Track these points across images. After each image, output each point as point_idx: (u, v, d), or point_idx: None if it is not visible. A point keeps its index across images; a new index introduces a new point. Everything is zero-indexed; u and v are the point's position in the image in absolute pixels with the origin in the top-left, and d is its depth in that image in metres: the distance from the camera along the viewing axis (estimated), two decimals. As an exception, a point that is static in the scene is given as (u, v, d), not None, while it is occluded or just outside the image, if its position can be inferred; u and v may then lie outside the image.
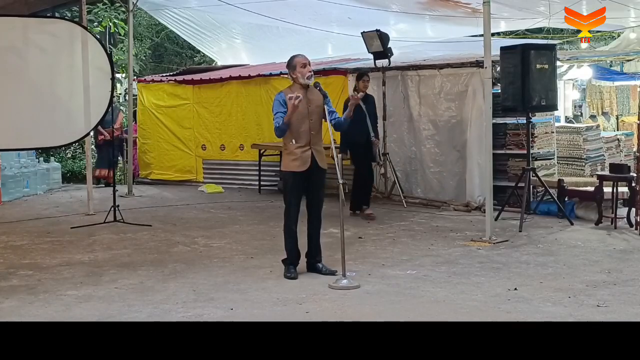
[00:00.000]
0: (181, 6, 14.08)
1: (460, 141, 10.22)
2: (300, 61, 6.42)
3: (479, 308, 5.39)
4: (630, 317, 5.11)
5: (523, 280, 6.17)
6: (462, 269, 6.64)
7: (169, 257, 7.37)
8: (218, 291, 5.95)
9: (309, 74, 6.39)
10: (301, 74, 6.38)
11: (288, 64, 6.53)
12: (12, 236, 8.55)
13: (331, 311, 5.37)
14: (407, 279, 6.30)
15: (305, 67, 6.40)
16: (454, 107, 10.36)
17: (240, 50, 16.56)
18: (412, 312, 5.34)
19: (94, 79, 9.01)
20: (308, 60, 6.48)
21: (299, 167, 6.36)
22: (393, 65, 10.73)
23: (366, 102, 9.43)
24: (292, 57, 6.51)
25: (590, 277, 6.25)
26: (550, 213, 9.30)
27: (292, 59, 6.50)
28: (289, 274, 6.40)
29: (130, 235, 8.57)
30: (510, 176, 9.76)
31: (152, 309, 5.45)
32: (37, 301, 5.71)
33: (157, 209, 10.81)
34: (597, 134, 10.74)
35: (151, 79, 14.70)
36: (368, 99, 9.64)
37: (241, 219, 9.72)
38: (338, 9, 12.03)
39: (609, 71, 14.42)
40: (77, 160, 15.75)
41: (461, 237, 8.15)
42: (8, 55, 8.55)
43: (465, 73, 10.21)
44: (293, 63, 6.46)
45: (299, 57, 6.47)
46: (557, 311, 5.24)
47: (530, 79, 8.59)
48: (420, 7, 12.39)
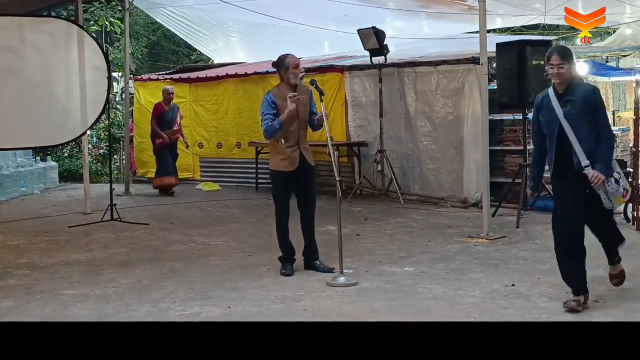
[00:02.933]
0: (177, 4, 14.07)
1: (457, 138, 10.22)
2: (292, 62, 6.44)
3: (476, 304, 5.39)
4: (628, 312, 5.13)
5: (520, 276, 6.18)
6: (459, 265, 6.65)
7: (167, 255, 7.37)
8: (216, 289, 5.95)
9: (302, 74, 6.45)
10: (294, 75, 6.42)
11: (278, 63, 6.51)
12: (9, 235, 8.54)
13: (329, 308, 5.37)
14: (404, 275, 6.30)
15: (297, 68, 6.43)
16: (450, 103, 10.36)
17: (236, 48, 16.55)
18: (410, 309, 5.34)
19: (91, 77, 9.00)
20: (299, 60, 6.53)
21: (288, 166, 6.37)
22: (389, 63, 10.72)
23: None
24: (283, 58, 6.51)
25: (588, 272, 6.23)
26: (548, 209, 9.24)
27: (283, 60, 6.50)
28: (285, 270, 6.43)
29: (128, 234, 8.57)
30: (507, 172, 9.77)
31: (150, 308, 5.45)
32: (34, 301, 5.71)
33: (154, 207, 10.80)
34: (593, 130, 10.73)
35: (148, 78, 14.69)
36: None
37: (238, 217, 9.72)
38: (334, 6, 12.03)
39: (605, 67, 14.40)
40: (74, 159, 15.73)
41: (458, 233, 8.15)
42: (4, 54, 8.54)
43: (462, 70, 10.21)
44: (285, 64, 6.46)
45: (290, 58, 6.48)
46: (555, 307, 5.25)
47: (527, 75, 8.59)
48: (416, 5, 12.40)
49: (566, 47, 5.53)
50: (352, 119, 11.63)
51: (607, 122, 5.30)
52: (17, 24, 8.91)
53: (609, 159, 5.14)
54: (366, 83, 11.41)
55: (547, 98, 5.26)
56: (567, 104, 5.14)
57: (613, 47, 13.52)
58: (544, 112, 5.29)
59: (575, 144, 5.08)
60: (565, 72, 5.14)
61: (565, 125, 5.11)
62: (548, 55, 5.21)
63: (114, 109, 16.15)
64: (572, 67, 5.21)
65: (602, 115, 5.19)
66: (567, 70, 5.15)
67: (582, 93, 5.14)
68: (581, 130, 5.09)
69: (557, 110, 5.14)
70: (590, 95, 5.17)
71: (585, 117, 5.08)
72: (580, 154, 5.08)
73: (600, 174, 5.06)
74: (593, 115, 5.11)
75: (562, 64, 5.12)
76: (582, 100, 5.10)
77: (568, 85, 5.17)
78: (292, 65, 6.43)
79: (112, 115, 15.31)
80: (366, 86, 11.41)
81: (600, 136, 5.11)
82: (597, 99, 5.23)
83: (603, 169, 5.07)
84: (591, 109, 5.11)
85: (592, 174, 5.06)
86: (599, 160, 5.08)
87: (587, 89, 5.25)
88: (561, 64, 5.12)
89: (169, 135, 11.86)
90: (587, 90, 5.24)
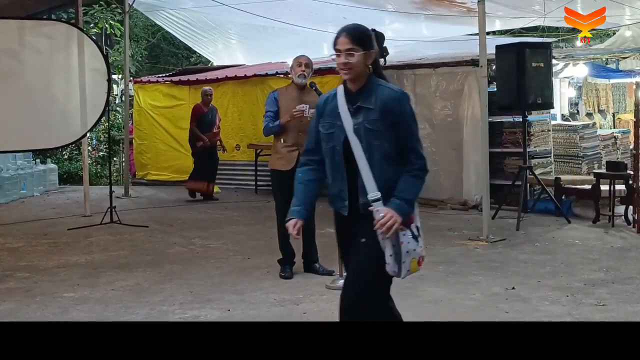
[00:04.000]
0: (177, 7, 14.06)
1: (457, 140, 10.22)
2: (297, 60, 6.51)
3: (477, 307, 5.39)
4: (629, 315, 5.12)
5: (521, 279, 6.17)
6: (459, 268, 6.64)
7: (166, 258, 7.36)
8: (215, 292, 5.94)
9: (300, 72, 6.44)
10: (294, 73, 6.44)
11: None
12: (8, 238, 8.53)
13: (328, 311, 5.35)
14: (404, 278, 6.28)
15: (299, 66, 6.44)
16: (450, 106, 10.36)
17: (236, 51, 16.54)
18: (410, 311, 5.32)
19: (90, 80, 9.01)
20: (307, 61, 6.52)
21: (283, 165, 6.37)
22: (389, 65, 10.51)
23: None
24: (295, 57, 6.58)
25: (588, 275, 6.25)
26: (548, 211, 9.29)
27: (293, 59, 6.56)
28: (284, 273, 6.43)
29: (127, 236, 8.56)
30: (507, 175, 9.76)
31: (149, 311, 5.44)
32: (33, 303, 5.70)
33: (153, 209, 10.80)
34: (593, 132, 10.76)
35: (147, 80, 14.69)
36: None
37: (238, 220, 9.72)
38: (333, 8, 12.03)
39: (604, 69, 14.42)
40: (73, 161, 15.72)
41: (458, 236, 8.14)
42: (4, 57, 8.55)
43: (461, 72, 10.22)
44: (293, 61, 6.56)
45: (299, 57, 6.55)
46: (555, 310, 5.24)
47: (526, 78, 8.59)
48: (415, 7, 12.39)
49: (362, 27, 3.59)
50: (352, 121, 11.60)
51: (418, 145, 3.52)
52: (18, 27, 8.93)
53: (413, 197, 3.44)
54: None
55: (334, 100, 3.57)
56: (360, 112, 3.46)
57: (613, 49, 13.51)
58: (325, 119, 3.57)
59: (365, 169, 3.40)
60: (356, 63, 3.46)
61: (354, 142, 3.43)
62: (334, 38, 3.55)
63: (114, 111, 16.15)
64: (369, 56, 3.51)
65: (409, 133, 3.49)
66: (360, 61, 3.47)
67: (382, 99, 3.46)
68: (375, 153, 3.42)
69: (345, 120, 3.48)
70: (393, 103, 3.46)
71: (384, 133, 3.43)
72: (368, 181, 3.39)
73: (395, 215, 3.33)
74: (396, 132, 3.44)
75: (352, 49, 3.46)
76: (380, 108, 3.43)
77: (364, 85, 3.51)
78: (295, 62, 6.51)
79: (112, 118, 15.30)
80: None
81: (406, 164, 3.45)
82: (402, 109, 3.49)
83: (402, 208, 3.36)
84: (393, 124, 3.44)
85: (384, 215, 3.33)
86: (398, 195, 3.39)
87: (389, 94, 3.49)
88: (351, 50, 3.46)
89: (209, 137, 11.45)
90: (389, 95, 3.48)
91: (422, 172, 3.48)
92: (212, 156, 11.58)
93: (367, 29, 3.59)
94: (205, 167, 11.51)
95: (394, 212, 3.33)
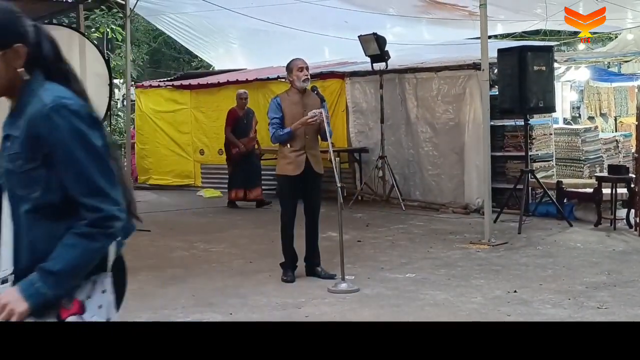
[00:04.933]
0: (178, 11, 14.08)
1: (459, 143, 10.22)
2: (297, 64, 6.46)
3: (478, 311, 5.38)
4: (631, 318, 5.11)
5: (522, 282, 6.17)
6: (461, 271, 6.63)
7: (168, 262, 7.36)
8: (217, 296, 5.94)
9: (304, 77, 6.42)
10: (297, 77, 6.41)
11: (287, 67, 6.58)
12: (10, 243, 8.53)
13: (330, 315, 5.36)
14: (406, 282, 6.29)
15: (301, 71, 6.42)
16: (451, 109, 10.35)
17: (237, 55, 16.56)
18: (412, 315, 5.33)
19: (92, 85, 8.99)
20: (306, 64, 6.51)
21: (293, 170, 6.36)
22: (390, 68, 10.72)
23: None
24: (291, 61, 6.56)
25: (590, 278, 6.24)
26: (549, 215, 9.28)
27: (290, 62, 6.54)
28: (286, 277, 6.41)
29: (129, 240, 8.53)
30: (508, 178, 9.75)
31: (152, 314, 5.44)
32: (35, 308, 5.69)
33: (155, 214, 10.78)
34: (595, 136, 10.75)
35: (149, 85, 14.71)
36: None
37: (240, 223, 9.71)
38: (334, 12, 12.05)
39: (606, 72, 14.43)
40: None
41: (460, 239, 8.14)
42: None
43: (463, 75, 10.22)
44: (291, 66, 6.51)
45: (296, 61, 6.50)
46: (557, 313, 5.24)
47: (528, 81, 8.59)
48: (417, 11, 12.41)
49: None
50: (353, 125, 11.63)
51: (92, 188, 2.16)
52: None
53: (64, 268, 2.15)
54: (367, 89, 11.41)
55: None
56: (6, 144, 2.21)
57: (615, 52, 13.51)
58: None
59: (5, 228, 2.20)
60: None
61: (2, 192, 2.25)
62: None
63: (116, 115, 16.17)
64: (12, 55, 2.13)
65: (71, 169, 2.14)
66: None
67: (28, 118, 2.14)
68: (20, 207, 2.19)
69: None
70: (39, 122, 2.11)
71: (34, 176, 2.14)
72: (4, 247, 2.19)
73: (14, 300, 2.11)
74: (58, 170, 2.14)
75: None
76: (25, 135, 2.14)
77: (19, 100, 2.19)
78: (296, 67, 6.45)
79: (114, 122, 15.32)
80: (367, 92, 11.41)
81: (74, 220, 2.18)
82: (54, 130, 2.11)
83: (37, 289, 2.12)
84: (48, 157, 2.13)
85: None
86: (40, 268, 2.13)
87: (36, 109, 2.12)
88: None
89: (245, 143, 10.83)
90: (36, 111, 2.12)
91: (95, 229, 2.21)
92: (250, 161, 10.91)
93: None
94: (244, 174, 10.82)
95: (15, 295, 2.11)
